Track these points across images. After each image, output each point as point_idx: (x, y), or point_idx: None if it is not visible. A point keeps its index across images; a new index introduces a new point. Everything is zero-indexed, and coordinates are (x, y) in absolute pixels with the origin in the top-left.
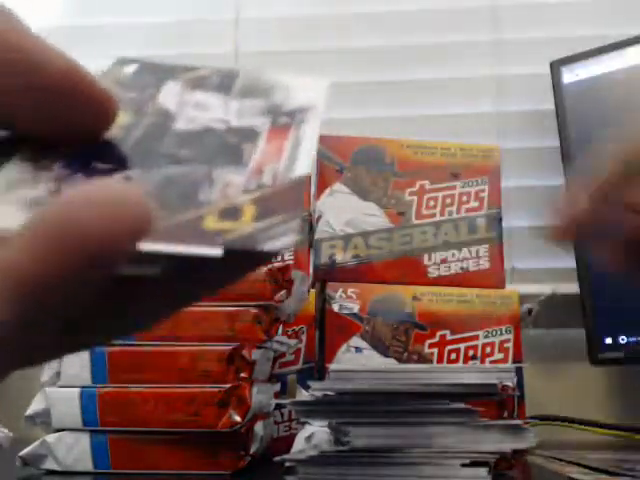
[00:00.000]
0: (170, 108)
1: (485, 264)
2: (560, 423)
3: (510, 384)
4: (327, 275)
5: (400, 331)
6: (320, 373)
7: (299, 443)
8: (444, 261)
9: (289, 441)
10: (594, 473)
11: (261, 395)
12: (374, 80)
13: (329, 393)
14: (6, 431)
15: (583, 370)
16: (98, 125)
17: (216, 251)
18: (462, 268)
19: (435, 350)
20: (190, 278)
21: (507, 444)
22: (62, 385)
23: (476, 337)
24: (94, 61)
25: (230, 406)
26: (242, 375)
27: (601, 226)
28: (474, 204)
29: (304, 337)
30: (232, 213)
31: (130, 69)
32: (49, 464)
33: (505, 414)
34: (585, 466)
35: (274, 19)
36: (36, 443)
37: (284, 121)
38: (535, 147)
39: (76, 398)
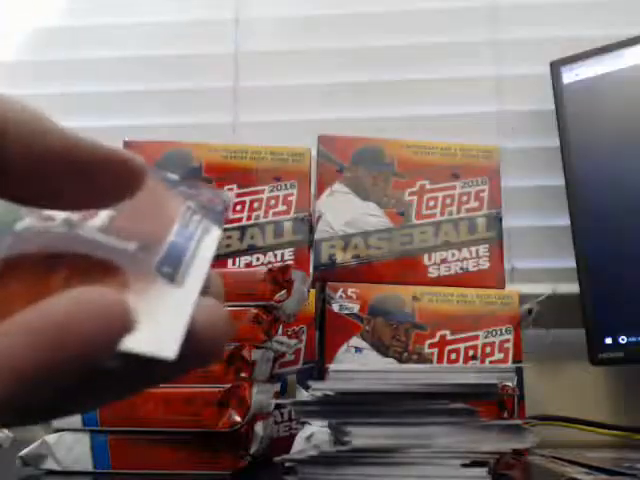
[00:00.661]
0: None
1: (485, 264)
2: (560, 423)
3: (510, 384)
4: (327, 275)
5: (400, 331)
6: (320, 373)
7: (299, 443)
8: (444, 261)
9: (289, 441)
10: (594, 473)
11: (261, 395)
12: (374, 80)
13: (329, 393)
14: (6, 431)
15: (583, 370)
16: (125, 189)
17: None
18: (462, 268)
19: (435, 350)
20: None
21: (507, 444)
22: None
23: (476, 337)
24: (95, 62)
25: (230, 406)
26: (242, 375)
27: None
28: (474, 204)
29: (304, 337)
30: None
31: None
32: (49, 464)
33: (505, 414)
34: (585, 465)
35: (274, 19)
36: (36, 443)
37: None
38: (535, 147)
39: None
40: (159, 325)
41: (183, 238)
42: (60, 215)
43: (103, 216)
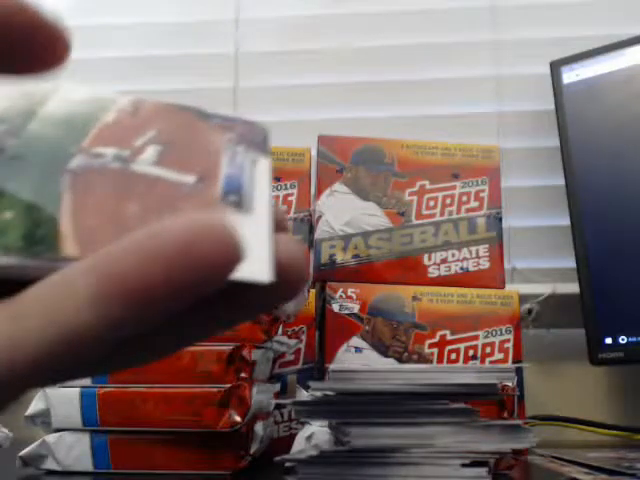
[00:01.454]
0: None
1: (485, 264)
2: (560, 423)
3: (510, 384)
4: (327, 275)
5: (400, 331)
6: (320, 373)
7: (299, 443)
8: (444, 261)
9: (289, 441)
10: (594, 472)
11: (261, 395)
12: (374, 80)
13: (329, 393)
14: (6, 431)
15: (583, 370)
16: (48, 57)
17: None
18: (462, 268)
19: (435, 350)
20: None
21: (507, 444)
22: (62, 385)
23: (476, 337)
24: (95, 62)
25: (230, 406)
26: (242, 375)
27: None
28: (474, 204)
29: (304, 337)
30: None
31: None
32: (49, 464)
33: (505, 414)
34: (585, 465)
35: (274, 19)
36: (36, 443)
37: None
38: (535, 147)
39: (76, 398)
40: (247, 252)
41: (235, 169)
42: (109, 151)
43: (151, 151)
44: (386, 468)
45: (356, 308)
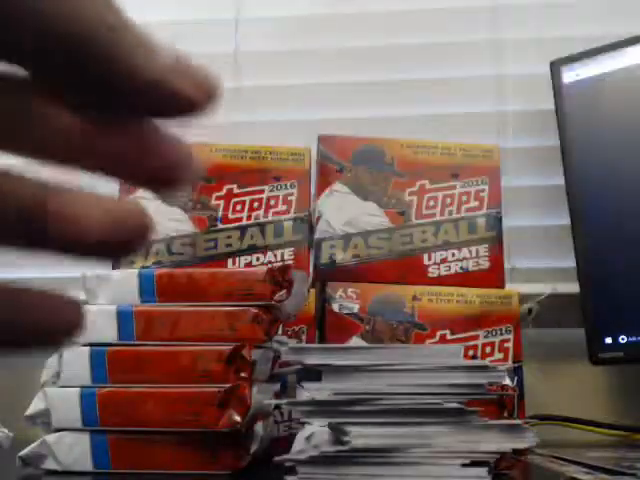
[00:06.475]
0: None
1: (485, 264)
2: (560, 423)
3: (510, 384)
4: (327, 275)
5: (400, 331)
6: (319, 373)
7: (299, 443)
8: (444, 261)
9: (289, 441)
10: (594, 472)
11: (261, 395)
12: (374, 80)
13: (328, 393)
14: (6, 431)
15: (583, 370)
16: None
17: None
18: (462, 268)
19: None
20: None
21: (507, 444)
22: (62, 385)
23: (476, 337)
24: None
25: (230, 406)
26: (242, 375)
27: None
28: (474, 204)
29: (304, 337)
30: None
31: None
32: (49, 464)
33: (505, 414)
34: (585, 465)
35: (274, 19)
36: (36, 443)
37: None
38: (535, 147)
39: (76, 398)
40: None
41: None
42: None
43: None
44: (386, 468)
45: (356, 308)
